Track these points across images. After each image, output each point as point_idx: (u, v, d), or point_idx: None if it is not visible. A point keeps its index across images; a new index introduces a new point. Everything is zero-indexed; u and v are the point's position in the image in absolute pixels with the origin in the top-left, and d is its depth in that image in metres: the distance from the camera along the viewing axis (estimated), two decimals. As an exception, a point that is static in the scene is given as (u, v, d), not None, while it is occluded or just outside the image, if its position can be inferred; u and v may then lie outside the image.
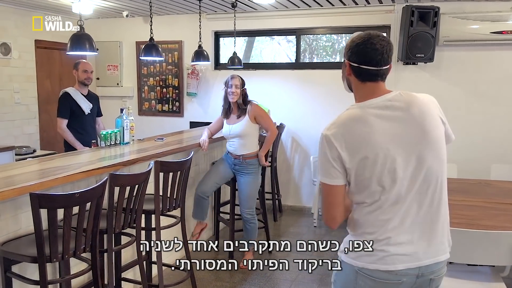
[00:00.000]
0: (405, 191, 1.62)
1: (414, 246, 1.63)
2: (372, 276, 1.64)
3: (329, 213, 1.71)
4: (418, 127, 1.63)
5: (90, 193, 2.40)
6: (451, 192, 3.63)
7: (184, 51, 6.41)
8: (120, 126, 3.80)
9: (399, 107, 1.64)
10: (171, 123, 6.57)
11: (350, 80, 1.74)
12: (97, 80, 6.80)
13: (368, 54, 1.64)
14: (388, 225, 1.63)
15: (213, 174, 4.24)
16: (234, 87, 3.99)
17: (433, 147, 1.64)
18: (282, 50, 6.55)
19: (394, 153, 1.60)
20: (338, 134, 1.62)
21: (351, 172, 1.63)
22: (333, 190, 1.67)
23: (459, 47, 5.23)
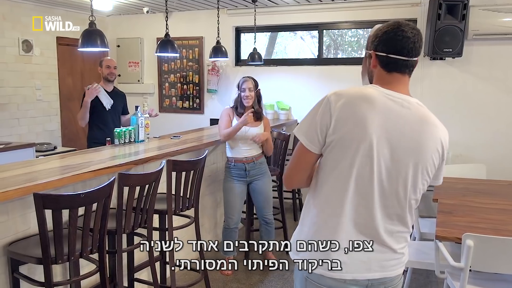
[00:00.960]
0: (364, 192, 1.51)
1: (366, 256, 1.54)
2: (318, 282, 1.57)
3: (290, 173, 1.63)
4: (417, 143, 1.51)
5: (97, 193, 2.33)
6: (479, 195, 3.49)
7: (204, 47, 6.33)
8: (135, 124, 3.73)
9: (412, 113, 1.52)
10: (192, 120, 6.51)
11: (374, 73, 1.61)
12: (119, 76, 6.76)
13: (398, 43, 1.52)
14: (342, 224, 1.53)
15: (236, 202, 3.94)
16: (247, 91, 3.85)
17: (416, 167, 1.52)
18: (306, 46, 6.40)
19: (379, 150, 1.48)
20: (341, 99, 1.50)
21: (330, 146, 1.51)
22: (303, 154, 1.56)
23: (490, 41, 4.98)
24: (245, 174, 3.92)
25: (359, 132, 1.47)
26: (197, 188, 3.30)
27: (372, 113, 1.48)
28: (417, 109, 1.54)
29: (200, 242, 3.42)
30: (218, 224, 4.59)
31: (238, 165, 3.89)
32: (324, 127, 1.50)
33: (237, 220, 3.93)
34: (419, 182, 1.54)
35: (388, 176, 1.51)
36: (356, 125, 1.47)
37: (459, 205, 3.21)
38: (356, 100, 1.50)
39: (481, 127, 5.13)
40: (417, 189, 1.56)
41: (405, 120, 1.50)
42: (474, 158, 5.11)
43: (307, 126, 1.55)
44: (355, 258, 1.54)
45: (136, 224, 2.81)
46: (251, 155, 3.91)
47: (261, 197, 3.99)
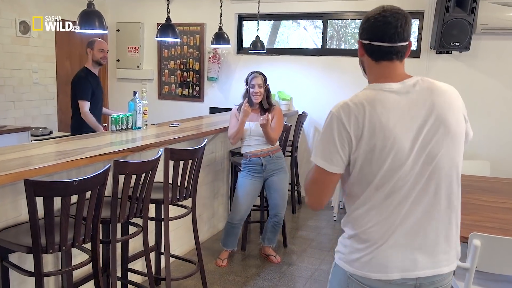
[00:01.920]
0: (410, 189, 1.45)
1: (414, 254, 1.47)
2: (364, 283, 1.50)
3: (318, 199, 1.57)
4: (439, 119, 1.45)
5: (91, 181, 2.24)
6: (483, 192, 3.40)
7: (206, 34, 6.21)
8: (133, 110, 3.63)
9: (421, 94, 1.46)
10: (191, 108, 6.40)
11: (364, 61, 1.57)
12: (117, 62, 6.68)
13: (379, 29, 1.47)
14: (386, 227, 1.47)
15: (245, 199, 3.77)
16: (257, 87, 3.70)
17: (450, 144, 1.46)
18: (308, 36, 6.27)
19: (407, 147, 1.42)
20: (351, 114, 1.44)
21: (357, 161, 1.45)
22: (328, 178, 1.50)
23: (498, 35, 4.88)
24: (262, 169, 3.76)
25: (381, 139, 1.42)
26: (195, 178, 3.20)
27: (384, 114, 1.43)
28: (423, 85, 1.48)
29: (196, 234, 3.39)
30: (215, 214, 4.51)
31: (254, 160, 3.74)
32: (346, 145, 1.45)
33: (242, 217, 3.81)
34: (456, 158, 1.48)
35: (429, 166, 1.44)
36: (376, 133, 1.42)
37: (464, 202, 3.05)
38: (364, 108, 1.44)
39: (486, 123, 5.03)
40: (459, 165, 1.51)
41: (414, 106, 1.45)
42: (478, 154, 5.02)
43: (325, 150, 1.48)
44: (401, 257, 1.47)
45: (131, 213, 2.72)
46: (266, 148, 3.75)
47: (276, 194, 3.83)
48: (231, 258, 4.02)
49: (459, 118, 1.49)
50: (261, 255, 4.10)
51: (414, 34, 5.41)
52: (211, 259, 3.97)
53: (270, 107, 3.81)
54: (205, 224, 4.36)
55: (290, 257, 4.13)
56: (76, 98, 4.09)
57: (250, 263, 3.98)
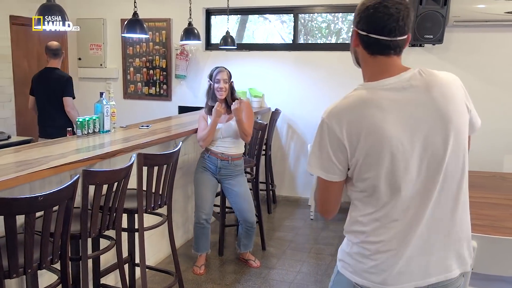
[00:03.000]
0: (416, 193, 1.36)
1: (424, 260, 1.39)
2: None
3: (323, 207, 1.51)
4: (439, 114, 1.35)
5: (57, 195, 2.01)
6: (466, 187, 3.34)
7: (172, 30, 5.96)
8: (100, 112, 3.38)
9: (418, 89, 1.36)
10: (159, 107, 6.15)
11: (358, 52, 1.45)
12: (79, 60, 6.34)
13: (379, 20, 1.34)
14: (393, 234, 1.38)
15: (207, 194, 3.61)
16: (222, 82, 3.51)
17: (454, 141, 1.36)
18: (276, 32, 6.11)
19: (408, 147, 1.33)
20: (343, 120, 1.34)
21: (355, 168, 1.37)
22: (329, 186, 1.44)
23: (470, 28, 4.86)
24: (216, 170, 3.62)
25: (379, 142, 1.32)
26: (170, 183, 3.01)
27: (379, 115, 1.33)
28: (418, 80, 1.37)
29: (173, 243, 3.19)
30: (189, 218, 4.30)
31: (211, 158, 3.61)
32: (340, 154, 1.37)
33: (208, 214, 3.62)
34: (461, 151, 1.39)
35: (433, 166, 1.35)
36: (371, 136, 1.32)
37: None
38: (357, 112, 1.35)
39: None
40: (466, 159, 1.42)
41: (413, 102, 1.35)
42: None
43: (320, 160, 1.40)
44: (413, 265, 1.39)
45: (103, 226, 2.50)
46: (228, 153, 3.60)
47: (238, 198, 3.66)
48: (208, 264, 3.84)
49: (461, 110, 1.40)
50: (240, 260, 3.93)
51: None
52: (187, 266, 3.78)
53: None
54: (179, 229, 4.15)
55: (269, 261, 3.98)
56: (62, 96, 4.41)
57: (229, 269, 3.81)
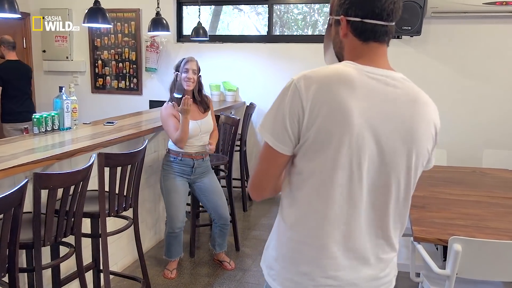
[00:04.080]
0: (362, 192, 1.22)
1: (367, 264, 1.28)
2: None
3: (259, 182, 1.31)
4: (410, 127, 1.23)
5: (2, 203, 1.79)
6: (447, 184, 3.23)
7: (142, 21, 5.70)
8: (59, 108, 3.14)
9: (399, 90, 1.24)
10: (129, 102, 5.89)
11: (345, 43, 1.29)
12: (43, 53, 6.03)
13: (377, 3, 1.20)
14: (334, 234, 1.23)
15: (180, 201, 3.39)
16: (191, 72, 3.30)
17: (410, 155, 1.23)
18: (251, 24, 5.91)
19: (366, 142, 1.18)
20: (312, 85, 1.17)
21: (304, 144, 1.20)
22: (274, 157, 1.24)
23: (448, 19, 4.75)
24: (191, 171, 3.40)
25: (340, 123, 1.16)
26: (135, 184, 2.80)
27: (353, 98, 1.17)
28: (405, 86, 1.25)
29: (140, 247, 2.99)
30: (160, 218, 4.10)
31: (185, 160, 3.35)
32: (296, 120, 1.19)
33: (182, 223, 3.42)
34: (412, 174, 1.26)
35: (379, 174, 1.22)
36: (335, 115, 1.16)
37: (430, 197, 2.93)
38: (332, 83, 1.18)
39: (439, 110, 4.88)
40: (411, 183, 1.28)
41: (392, 102, 1.22)
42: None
43: (273, 122, 1.22)
44: (343, 281, 1.26)
45: (60, 232, 2.28)
46: (202, 151, 3.41)
47: (213, 195, 3.49)
48: (179, 267, 3.64)
49: (429, 136, 1.27)
50: (214, 262, 3.75)
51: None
52: (157, 270, 3.58)
53: (203, 100, 3.44)
54: (149, 231, 3.94)
55: (244, 262, 3.81)
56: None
57: (201, 272, 3.62)
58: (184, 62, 3.32)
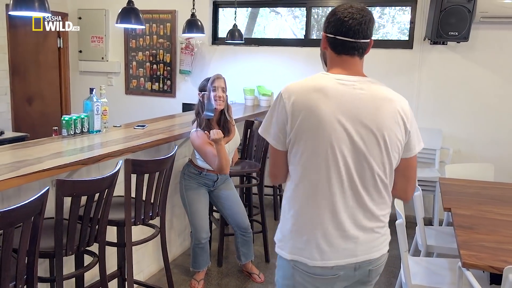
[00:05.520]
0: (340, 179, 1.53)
1: (350, 241, 1.57)
2: (308, 272, 1.59)
3: (271, 170, 1.69)
4: (372, 119, 1.52)
5: (20, 212, 1.69)
6: (496, 203, 2.96)
7: (177, 23, 5.62)
8: (90, 110, 3.06)
9: (365, 92, 1.54)
10: (162, 104, 5.83)
11: (326, 54, 1.64)
12: (80, 53, 6.04)
13: (345, 24, 1.53)
14: (323, 214, 1.55)
15: (204, 211, 3.28)
16: (220, 90, 3.07)
17: (379, 144, 1.53)
18: (288, 27, 5.75)
19: (340, 136, 1.50)
20: (292, 96, 1.53)
21: (291, 141, 1.55)
22: (276, 152, 1.62)
23: (499, 24, 4.45)
24: (213, 185, 3.29)
25: (315, 122, 1.49)
26: (163, 192, 2.68)
27: (325, 101, 1.49)
28: (370, 88, 1.55)
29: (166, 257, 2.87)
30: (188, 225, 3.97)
31: (209, 175, 3.22)
32: (282, 124, 1.55)
33: (208, 233, 3.29)
34: (386, 159, 1.55)
35: (355, 160, 1.52)
36: (311, 116, 1.49)
37: (478, 217, 2.70)
38: (307, 92, 1.52)
39: (484, 121, 4.63)
40: (386, 167, 1.57)
41: (359, 102, 1.51)
42: (476, 155, 4.63)
43: (269, 126, 1.60)
44: (339, 246, 1.56)
45: (83, 241, 2.18)
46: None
47: (232, 203, 3.36)
48: (206, 277, 3.51)
49: (396, 126, 1.54)
50: (243, 273, 3.61)
51: (406, 23, 4.97)
52: (184, 279, 3.46)
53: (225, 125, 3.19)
54: (178, 237, 3.84)
55: (274, 274, 3.63)
56: None
57: (229, 284, 3.48)
58: (212, 80, 3.09)
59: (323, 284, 1.60)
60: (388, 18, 5.19)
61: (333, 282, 1.61)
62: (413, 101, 4.81)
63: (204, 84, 3.14)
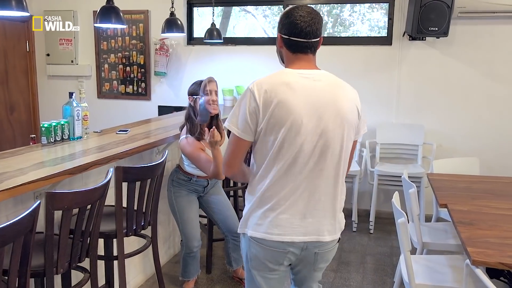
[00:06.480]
0: (305, 162, 1.69)
1: (303, 220, 1.74)
2: (261, 243, 1.76)
3: (230, 161, 1.78)
4: (336, 107, 1.70)
5: (11, 230, 1.53)
6: (490, 197, 2.95)
7: (151, 23, 5.45)
8: (69, 116, 2.88)
9: (324, 84, 1.72)
10: (137, 107, 5.64)
11: (282, 52, 1.79)
12: (47, 56, 5.77)
13: (297, 26, 1.69)
14: (281, 194, 1.71)
15: (195, 218, 3.13)
16: (214, 94, 2.92)
17: (341, 127, 1.72)
18: (259, 26, 5.64)
19: (305, 122, 1.66)
20: (262, 89, 1.66)
21: (261, 131, 1.68)
22: (239, 143, 1.72)
23: (476, 19, 4.49)
24: (203, 190, 3.15)
25: (284, 113, 1.64)
26: (155, 200, 2.54)
27: (292, 93, 1.66)
28: (327, 78, 1.75)
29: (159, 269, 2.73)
30: (174, 232, 3.84)
31: (200, 181, 3.08)
32: (254, 115, 1.67)
33: (199, 241, 3.15)
34: (345, 140, 1.74)
35: (322, 143, 1.69)
36: (281, 107, 1.64)
37: (475, 212, 2.68)
38: (276, 85, 1.67)
39: (464, 116, 4.67)
40: (348, 148, 1.77)
41: (320, 91, 1.70)
42: (457, 149, 4.66)
43: (237, 118, 1.70)
44: (293, 223, 1.73)
45: (74, 258, 2.03)
46: None
47: (224, 208, 3.24)
48: (196, 286, 3.38)
49: (352, 109, 1.76)
50: (234, 279, 3.49)
51: (384, 19, 4.97)
52: (173, 289, 3.32)
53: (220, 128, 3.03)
54: (163, 245, 3.68)
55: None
56: None
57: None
58: (205, 84, 2.92)
59: None
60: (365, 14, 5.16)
61: None
62: (393, 98, 4.81)
63: (194, 88, 2.98)
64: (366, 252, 4.07)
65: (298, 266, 1.88)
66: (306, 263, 1.85)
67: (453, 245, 3.04)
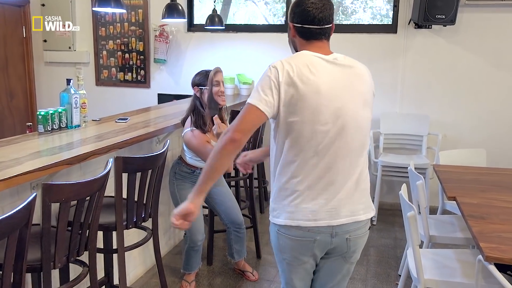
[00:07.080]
0: (329, 143, 1.66)
1: (328, 204, 1.69)
2: (286, 233, 1.72)
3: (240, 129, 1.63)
4: (352, 85, 1.71)
5: (6, 224, 1.44)
6: (499, 189, 2.87)
7: (150, 9, 5.32)
8: (67, 104, 2.78)
9: (341, 63, 1.72)
10: (135, 95, 5.53)
11: (296, 42, 1.78)
12: (44, 42, 5.65)
13: (309, 14, 1.69)
14: (304, 178, 1.67)
15: (200, 214, 3.12)
16: (222, 84, 2.87)
17: (361, 106, 1.72)
18: (259, 13, 5.51)
19: (327, 103, 1.64)
20: (284, 69, 1.63)
21: (283, 110, 1.63)
22: (255, 111, 1.62)
23: (483, 7, 4.39)
24: None
25: (308, 93, 1.61)
26: (156, 191, 2.46)
27: (313, 74, 1.64)
28: (345, 60, 1.74)
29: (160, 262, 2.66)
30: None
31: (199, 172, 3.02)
32: (276, 94, 1.62)
33: (203, 233, 3.08)
34: (366, 119, 1.75)
35: (344, 123, 1.67)
36: (306, 87, 1.61)
37: (485, 205, 2.60)
38: (299, 66, 1.64)
39: (470, 106, 4.59)
40: (368, 127, 1.77)
41: (339, 73, 1.70)
42: (462, 140, 4.58)
43: (259, 96, 1.62)
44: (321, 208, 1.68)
45: (72, 251, 1.95)
46: None
47: (225, 198, 3.18)
48: (197, 277, 3.32)
49: (370, 89, 1.78)
50: (235, 271, 3.43)
51: (386, 7, 4.85)
52: (174, 281, 3.25)
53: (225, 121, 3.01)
54: (163, 236, 3.61)
55: (267, 271, 3.49)
56: None
57: (222, 283, 3.29)
58: (213, 74, 2.83)
59: None
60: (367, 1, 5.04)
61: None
62: (398, 87, 4.72)
63: (200, 78, 2.88)
64: (369, 244, 4.00)
65: (330, 258, 1.81)
66: (337, 254, 1.79)
67: (462, 239, 2.97)
